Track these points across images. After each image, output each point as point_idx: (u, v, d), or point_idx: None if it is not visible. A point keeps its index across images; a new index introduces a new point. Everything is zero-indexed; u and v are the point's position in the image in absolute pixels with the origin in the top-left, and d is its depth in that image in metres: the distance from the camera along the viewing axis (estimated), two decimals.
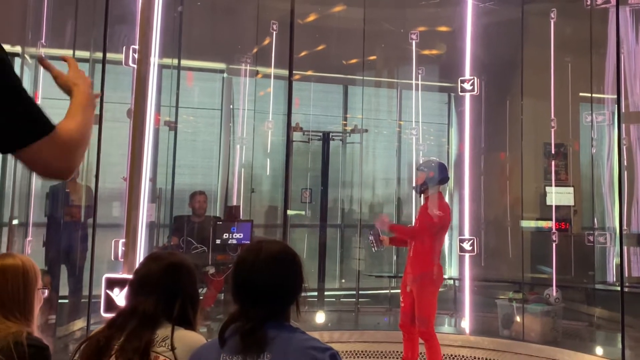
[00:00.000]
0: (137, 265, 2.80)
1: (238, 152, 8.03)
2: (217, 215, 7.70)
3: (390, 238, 5.82)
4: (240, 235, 6.54)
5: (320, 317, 7.13)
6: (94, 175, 6.51)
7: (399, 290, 8.49)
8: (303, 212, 8.19)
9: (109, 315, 2.78)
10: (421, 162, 5.88)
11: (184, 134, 7.94)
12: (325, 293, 8.07)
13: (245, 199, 7.87)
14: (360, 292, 8.13)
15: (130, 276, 2.74)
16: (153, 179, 7.17)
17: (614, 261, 7.94)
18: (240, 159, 7.98)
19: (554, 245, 6.71)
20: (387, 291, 8.34)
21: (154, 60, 3.07)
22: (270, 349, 1.81)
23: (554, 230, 6.87)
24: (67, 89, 1.69)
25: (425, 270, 5.39)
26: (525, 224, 5.36)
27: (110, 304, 2.69)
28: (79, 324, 5.70)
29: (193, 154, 8.27)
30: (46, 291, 2.38)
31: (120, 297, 2.67)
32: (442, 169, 5.58)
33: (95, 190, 4.88)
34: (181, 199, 7.55)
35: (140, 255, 2.82)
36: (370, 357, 6.35)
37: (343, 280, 8.66)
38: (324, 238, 8.28)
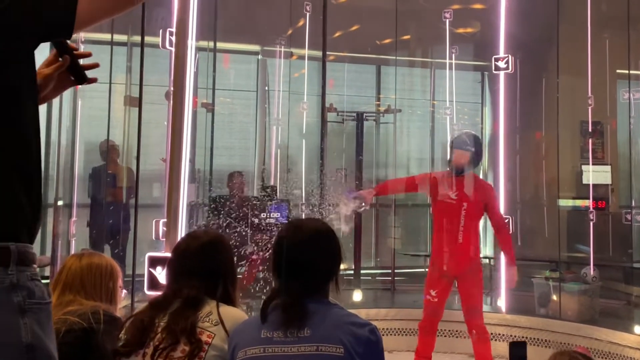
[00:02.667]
0: None
1: (274, 134, 8.11)
2: (255, 195, 7.82)
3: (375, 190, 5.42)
4: (277, 215, 6.64)
5: (357, 296, 7.22)
6: (134, 157, 6.69)
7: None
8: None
9: (153, 293, 2.91)
10: (456, 136, 5.42)
11: (220, 115, 8.06)
12: (361, 272, 8.15)
13: (282, 179, 7.97)
14: (395, 270, 8.20)
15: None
16: (192, 160, 7.33)
17: None
18: (277, 140, 8.07)
19: (591, 224, 6.67)
20: (423, 269, 8.38)
21: (191, 42, 3.15)
22: (309, 323, 1.88)
23: (591, 209, 6.82)
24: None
25: (478, 257, 5.09)
26: (562, 202, 5.32)
27: (153, 282, 2.80)
28: (123, 302, 5.89)
29: (230, 135, 8.40)
30: (125, 291, 2.65)
31: (162, 275, 2.78)
32: (480, 143, 5.20)
33: (137, 172, 5.02)
34: (219, 179, 7.68)
35: (181, 235, 2.93)
36: (406, 334, 6.42)
37: (379, 259, 8.73)
38: (359, 217, 8.34)
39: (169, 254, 2.84)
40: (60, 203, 5.80)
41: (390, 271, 8.18)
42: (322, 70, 7.43)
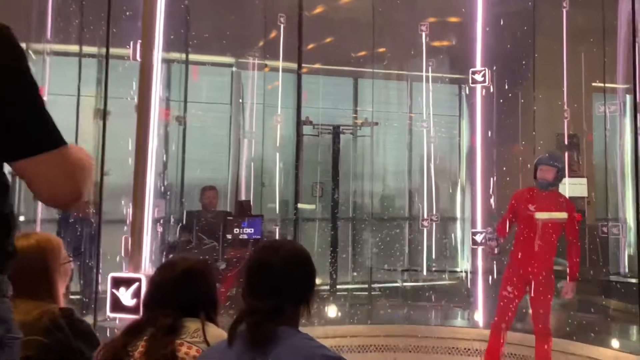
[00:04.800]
0: (142, 264, 2.78)
1: (248, 147, 7.98)
2: (228, 210, 7.67)
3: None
4: (251, 230, 6.51)
5: (332, 311, 7.09)
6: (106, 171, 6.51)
7: (412, 284, 8.49)
8: (314, 206, 8.15)
9: (116, 315, 2.77)
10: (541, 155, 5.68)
11: (193, 129, 7.91)
12: (338, 287, 8.03)
13: (256, 193, 7.83)
14: (372, 285, 8.09)
15: (135, 275, 2.72)
16: (163, 174, 7.16)
17: (626, 252, 7.85)
18: (250, 154, 7.94)
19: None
20: (400, 284, 8.29)
21: (158, 53, 3.02)
22: (276, 353, 1.76)
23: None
24: None
25: (551, 266, 5.32)
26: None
27: (116, 304, 2.66)
28: (89, 320, 5.69)
29: (203, 148, 8.24)
30: (72, 264, 2.36)
31: (126, 296, 2.64)
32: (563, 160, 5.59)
33: (100, 186, 4.85)
34: (192, 194, 7.53)
35: (147, 254, 2.79)
36: (385, 351, 6.29)
37: (355, 274, 8.61)
38: (335, 232, 8.25)
39: (132, 275, 2.71)
40: (22, 219, 5.60)
41: (367, 286, 8.06)
42: (297, 83, 7.33)
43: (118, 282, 2.67)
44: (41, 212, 5.77)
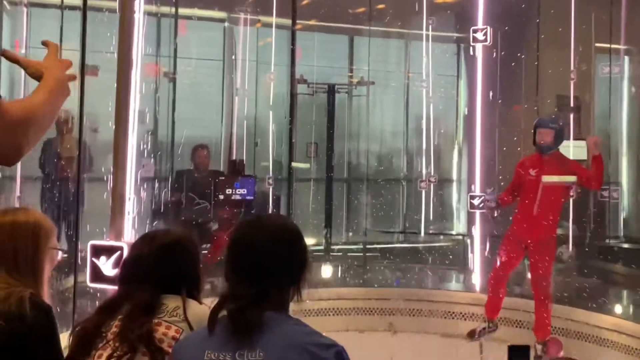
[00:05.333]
0: (124, 231, 2.61)
1: (240, 105, 7.76)
2: (220, 169, 7.48)
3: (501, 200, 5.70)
4: (244, 191, 6.35)
5: (326, 272, 6.99)
6: (93, 128, 6.29)
7: (406, 245, 8.38)
8: (308, 166, 7.98)
9: (96, 285, 2.61)
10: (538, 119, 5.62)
11: (184, 85, 7.67)
12: (332, 247, 7.92)
13: (249, 152, 7.64)
14: (367, 246, 7.97)
15: (117, 243, 2.55)
16: (154, 133, 6.96)
17: (622, 216, 7.76)
18: (243, 112, 7.72)
19: (571, 200, 6.49)
20: (395, 245, 8.19)
21: (140, 3, 2.79)
22: (262, 342, 1.57)
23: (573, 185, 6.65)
24: (38, 75, 1.55)
25: (552, 231, 5.29)
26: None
27: (96, 273, 2.50)
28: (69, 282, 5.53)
29: (194, 106, 7.99)
30: (60, 253, 2.24)
31: (107, 266, 2.47)
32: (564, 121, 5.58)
33: (79, 143, 4.67)
34: (183, 152, 7.34)
35: (129, 220, 2.61)
36: (380, 314, 6.19)
37: (350, 234, 8.48)
38: (329, 192, 8.10)
39: (113, 243, 2.54)
40: None
41: (362, 247, 7.95)
42: (291, 40, 7.07)
43: (98, 251, 2.50)
44: (21, 169, 5.52)
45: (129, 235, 2.56)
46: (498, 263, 5.45)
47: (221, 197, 6.28)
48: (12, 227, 2.07)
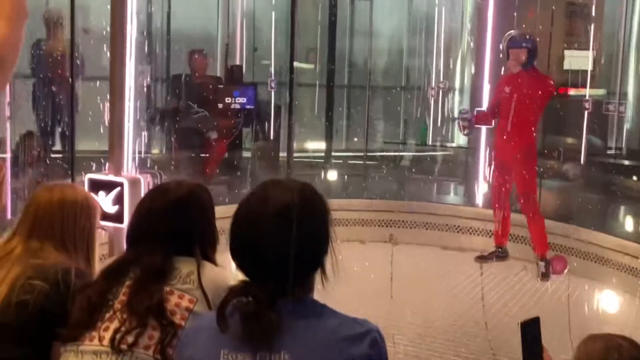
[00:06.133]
0: (125, 165, 2.43)
1: (239, 3, 7.37)
2: (218, 75, 7.20)
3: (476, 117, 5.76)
4: (243, 100, 6.13)
5: (329, 178, 6.94)
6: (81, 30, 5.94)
7: (406, 153, 8.23)
8: (312, 66, 7.69)
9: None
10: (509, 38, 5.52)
11: None
12: (333, 154, 7.78)
13: (248, 57, 7.34)
14: (367, 154, 7.84)
15: (117, 179, 2.39)
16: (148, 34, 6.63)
17: (625, 129, 7.59)
18: (242, 10, 7.33)
19: (586, 113, 6.31)
20: (396, 153, 8.06)
21: None
22: (287, 343, 1.34)
23: (587, 97, 6.45)
24: None
25: (529, 147, 5.30)
26: (573, 92, 5.07)
27: None
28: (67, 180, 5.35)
29: (189, 5, 7.57)
30: (104, 232, 2.26)
31: (106, 202, 2.32)
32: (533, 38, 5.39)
33: (71, 45, 4.34)
34: (178, 55, 7.03)
35: (128, 152, 2.42)
36: (381, 225, 6.15)
37: (356, 139, 8.31)
38: (331, 97, 7.88)
39: (113, 178, 2.38)
40: None
41: (362, 154, 7.81)
42: None
43: (97, 185, 2.34)
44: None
45: (129, 169, 2.39)
46: (492, 190, 5.57)
47: (220, 105, 6.08)
48: (60, 204, 2.04)
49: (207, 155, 6.29)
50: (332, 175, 7.26)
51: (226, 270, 1.83)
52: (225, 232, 1.48)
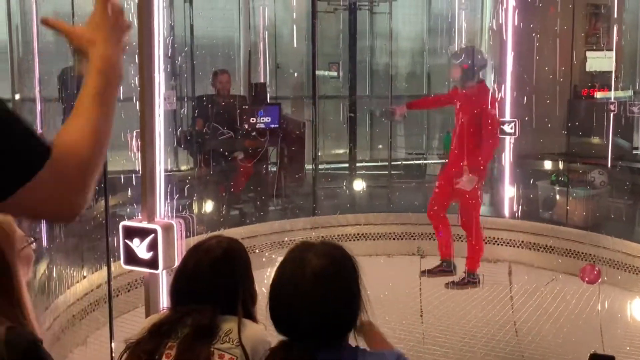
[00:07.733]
0: (157, 210, 2.51)
1: (262, 18, 7.43)
2: (242, 94, 7.28)
3: (407, 104, 5.94)
4: (268, 119, 6.20)
5: (358, 184, 7.07)
6: None
7: (429, 162, 8.23)
8: (335, 74, 7.73)
9: (131, 268, 2.54)
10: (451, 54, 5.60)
11: (200, 1, 7.33)
12: (357, 165, 7.82)
13: (271, 74, 7.43)
14: (392, 163, 7.86)
15: (151, 225, 2.46)
16: (171, 56, 6.73)
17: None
18: (264, 24, 7.40)
19: (611, 115, 6.25)
20: (421, 162, 8.07)
21: None
22: None
23: (612, 99, 6.40)
24: (82, 51, 1.14)
25: (473, 163, 5.15)
26: (600, 95, 4.97)
27: (130, 256, 2.42)
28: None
29: (211, 24, 7.68)
30: (33, 245, 1.51)
31: (140, 248, 2.39)
32: (476, 55, 5.30)
33: None
34: (202, 76, 7.14)
35: (160, 196, 2.49)
36: (405, 239, 6.18)
37: (380, 146, 8.32)
38: (353, 109, 7.93)
39: (147, 225, 2.45)
40: (17, 97, 5.10)
41: (387, 164, 7.84)
42: None
43: (131, 232, 2.42)
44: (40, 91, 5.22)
45: (161, 214, 2.46)
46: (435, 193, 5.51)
47: (245, 126, 6.16)
48: None
49: (234, 175, 6.39)
50: (358, 185, 7.29)
51: (259, 326, 1.89)
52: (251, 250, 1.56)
